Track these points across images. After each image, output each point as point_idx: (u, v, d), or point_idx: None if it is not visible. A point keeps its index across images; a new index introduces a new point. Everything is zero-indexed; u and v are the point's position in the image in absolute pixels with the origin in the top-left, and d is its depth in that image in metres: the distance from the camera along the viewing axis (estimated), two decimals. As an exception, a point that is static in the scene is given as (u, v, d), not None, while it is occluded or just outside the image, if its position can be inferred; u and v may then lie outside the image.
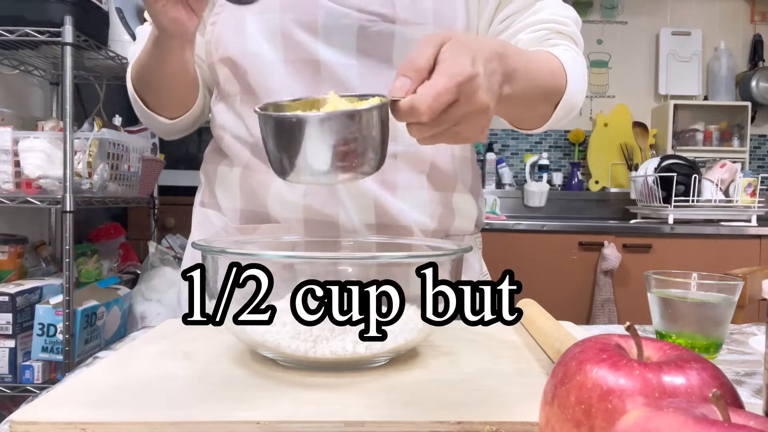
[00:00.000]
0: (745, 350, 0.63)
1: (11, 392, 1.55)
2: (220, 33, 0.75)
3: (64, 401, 0.42)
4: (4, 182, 1.57)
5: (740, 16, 2.93)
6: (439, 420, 0.40)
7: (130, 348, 0.56)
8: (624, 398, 0.28)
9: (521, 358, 0.55)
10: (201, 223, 0.83)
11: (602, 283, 2.24)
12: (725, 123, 2.83)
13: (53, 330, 1.56)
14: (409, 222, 0.74)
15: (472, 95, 0.47)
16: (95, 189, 1.64)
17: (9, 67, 1.81)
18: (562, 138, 2.98)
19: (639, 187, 2.52)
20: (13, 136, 1.56)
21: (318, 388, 0.46)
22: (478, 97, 0.48)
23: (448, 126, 0.48)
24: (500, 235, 2.24)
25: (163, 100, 0.80)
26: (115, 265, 2.04)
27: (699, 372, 0.29)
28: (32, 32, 1.54)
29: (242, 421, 0.39)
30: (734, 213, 2.36)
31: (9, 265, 1.67)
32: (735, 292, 0.59)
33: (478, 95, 0.48)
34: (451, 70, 0.46)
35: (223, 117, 0.79)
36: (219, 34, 0.76)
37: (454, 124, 0.48)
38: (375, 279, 0.47)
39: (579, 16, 0.81)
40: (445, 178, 0.77)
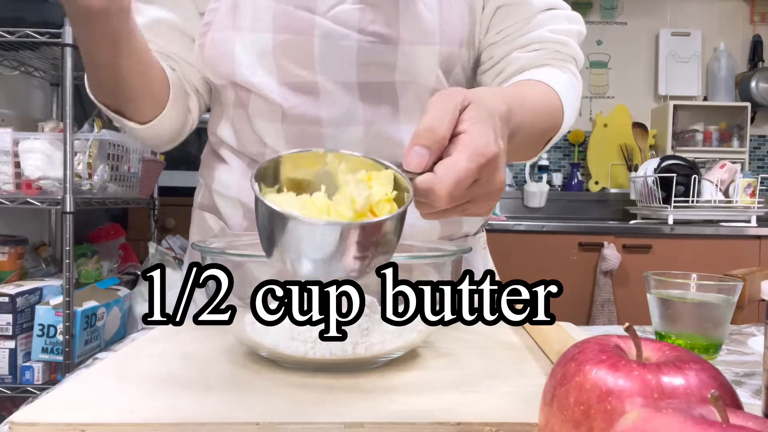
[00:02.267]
0: (744, 351, 0.63)
1: (11, 393, 1.55)
2: (209, 57, 0.71)
3: (64, 402, 0.42)
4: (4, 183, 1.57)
5: (740, 17, 2.93)
6: (438, 421, 0.40)
7: (130, 349, 0.56)
8: (623, 399, 0.28)
9: (521, 359, 0.55)
10: (200, 226, 0.82)
11: (602, 284, 2.24)
12: (725, 123, 2.83)
13: (53, 331, 1.56)
14: (414, 232, 0.73)
15: (491, 175, 0.43)
16: (95, 190, 1.64)
17: (9, 68, 1.81)
18: (561, 138, 2.97)
19: (639, 188, 2.52)
20: (14, 137, 1.56)
21: (317, 389, 0.46)
22: (496, 177, 0.44)
23: (460, 204, 0.43)
24: (500, 235, 2.24)
25: (123, 100, 0.69)
26: (115, 266, 2.04)
27: (698, 373, 0.29)
28: (32, 33, 1.54)
29: (242, 422, 0.39)
30: (734, 213, 2.36)
31: (9, 266, 1.67)
32: (734, 293, 0.59)
33: (497, 175, 0.44)
34: (474, 149, 0.42)
35: (216, 122, 0.77)
36: (207, 58, 0.72)
37: (467, 201, 0.44)
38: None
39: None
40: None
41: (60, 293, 1.59)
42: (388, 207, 0.40)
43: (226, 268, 0.47)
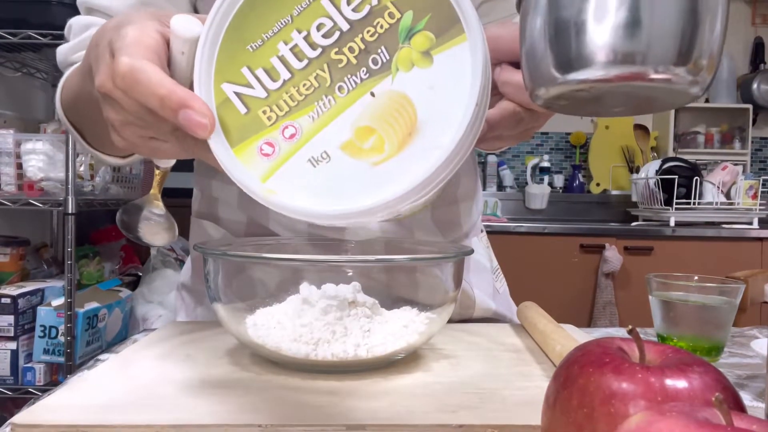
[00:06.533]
0: (746, 353, 0.63)
1: (13, 394, 1.56)
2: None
3: (66, 404, 0.42)
4: (6, 184, 1.58)
5: (741, 19, 2.93)
6: (440, 423, 0.40)
7: (131, 350, 0.56)
8: (626, 402, 0.28)
9: (522, 361, 0.55)
10: (199, 235, 0.80)
11: (603, 286, 2.23)
12: (726, 125, 2.83)
13: (55, 332, 1.56)
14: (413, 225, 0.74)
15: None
16: (97, 191, 1.65)
17: (11, 69, 1.81)
18: (563, 140, 2.98)
19: (640, 190, 2.52)
20: (15, 139, 1.56)
21: (319, 391, 0.46)
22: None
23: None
24: (501, 237, 2.23)
25: (106, 139, 0.55)
26: (116, 267, 2.04)
27: (701, 375, 0.29)
28: (34, 35, 1.54)
29: (244, 424, 0.39)
30: (735, 215, 2.36)
31: (11, 267, 1.67)
32: (736, 295, 0.59)
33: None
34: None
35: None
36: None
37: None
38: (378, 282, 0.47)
39: None
40: (451, 213, 0.77)
41: (61, 294, 1.59)
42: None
43: None
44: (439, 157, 0.32)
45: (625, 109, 0.34)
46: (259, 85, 0.35)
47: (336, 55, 0.34)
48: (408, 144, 0.33)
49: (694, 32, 0.27)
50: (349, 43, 0.34)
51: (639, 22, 0.27)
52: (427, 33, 0.33)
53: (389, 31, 0.34)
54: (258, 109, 0.35)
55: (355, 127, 0.34)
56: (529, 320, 0.63)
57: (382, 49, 0.34)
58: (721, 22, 0.28)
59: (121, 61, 0.35)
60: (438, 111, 0.33)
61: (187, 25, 0.37)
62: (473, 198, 0.82)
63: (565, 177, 2.95)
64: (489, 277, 0.83)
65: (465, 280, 0.76)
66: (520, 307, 0.69)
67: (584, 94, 0.31)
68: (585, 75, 0.28)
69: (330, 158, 0.34)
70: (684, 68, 0.27)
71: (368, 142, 0.33)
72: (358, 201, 0.33)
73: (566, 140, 2.97)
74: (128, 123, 0.38)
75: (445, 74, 0.33)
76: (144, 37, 0.37)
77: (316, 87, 0.35)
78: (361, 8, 0.34)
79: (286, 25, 0.35)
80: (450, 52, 0.33)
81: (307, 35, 0.35)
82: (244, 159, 0.35)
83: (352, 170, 0.33)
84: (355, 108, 0.34)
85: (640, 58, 0.27)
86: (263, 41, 0.35)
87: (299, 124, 0.35)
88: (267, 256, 0.50)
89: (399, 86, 0.33)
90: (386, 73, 0.34)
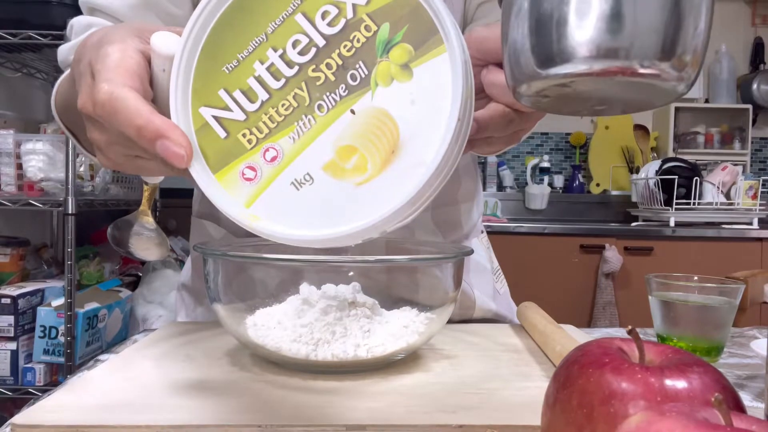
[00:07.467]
0: (746, 354, 0.63)
1: (13, 394, 1.56)
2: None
3: (66, 404, 0.42)
4: (6, 185, 1.58)
5: (741, 19, 2.93)
6: (440, 424, 0.40)
7: (131, 351, 0.56)
8: (626, 402, 0.28)
9: (522, 361, 0.55)
10: (200, 235, 0.80)
11: (603, 286, 2.23)
12: (726, 126, 2.83)
13: (55, 332, 1.56)
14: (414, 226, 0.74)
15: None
16: (97, 191, 1.65)
17: (11, 69, 1.81)
18: (563, 141, 2.98)
19: (640, 190, 2.52)
20: (16, 139, 1.56)
21: (319, 391, 0.46)
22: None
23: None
24: (501, 237, 2.23)
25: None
26: (116, 267, 2.04)
27: (701, 376, 0.29)
28: (35, 35, 1.54)
29: (243, 424, 0.39)
30: (735, 216, 2.36)
31: (11, 267, 1.67)
32: (736, 296, 0.59)
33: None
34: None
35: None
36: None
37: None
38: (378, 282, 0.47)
39: None
40: (452, 216, 0.77)
41: (62, 295, 1.59)
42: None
43: None
44: (423, 175, 0.31)
45: (609, 108, 0.34)
46: (238, 108, 0.34)
47: (313, 73, 0.33)
48: (391, 162, 0.32)
49: (677, 27, 0.27)
50: (326, 59, 0.33)
51: (622, 15, 0.27)
52: (406, 45, 0.32)
53: (366, 45, 0.33)
54: (238, 132, 0.34)
55: (336, 147, 0.33)
56: (529, 320, 0.63)
57: (360, 64, 0.33)
58: (705, 18, 0.28)
59: (100, 89, 0.35)
60: (420, 126, 0.32)
61: (166, 41, 0.36)
62: (474, 199, 0.82)
63: (565, 177, 2.95)
64: (489, 278, 0.83)
65: (465, 280, 0.76)
66: (520, 307, 0.69)
67: (567, 90, 0.30)
68: (567, 69, 0.28)
69: (313, 180, 0.33)
70: (668, 63, 0.27)
71: (350, 161, 0.33)
72: (343, 225, 0.32)
73: (566, 140, 2.97)
74: (112, 143, 0.38)
75: (426, 88, 0.32)
76: (125, 59, 0.36)
77: (295, 107, 0.34)
78: (337, 22, 0.33)
79: (261, 44, 0.34)
80: (429, 65, 0.32)
81: (283, 53, 0.34)
82: (226, 184, 0.35)
83: (335, 192, 0.33)
84: (335, 127, 0.33)
85: (623, 52, 0.27)
86: (239, 61, 0.34)
87: (280, 146, 0.34)
88: (267, 257, 0.50)
89: (379, 102, 0.33)
90: (366, 89, 0.33)
